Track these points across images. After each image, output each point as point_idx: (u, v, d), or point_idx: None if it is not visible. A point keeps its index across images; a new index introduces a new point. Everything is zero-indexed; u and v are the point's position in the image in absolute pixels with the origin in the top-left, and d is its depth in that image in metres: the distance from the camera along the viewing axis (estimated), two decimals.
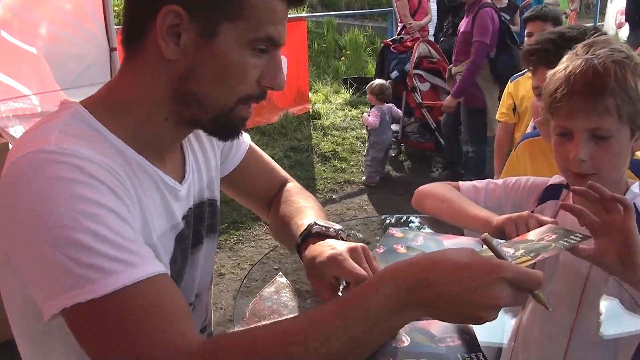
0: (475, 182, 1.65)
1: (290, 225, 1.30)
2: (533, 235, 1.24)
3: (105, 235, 0.85)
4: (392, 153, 6.63)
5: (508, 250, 1.08)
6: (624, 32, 14.32)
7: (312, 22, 11.04)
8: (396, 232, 1.56)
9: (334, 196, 5.69)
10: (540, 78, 1.69)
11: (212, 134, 1.12)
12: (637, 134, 1.34)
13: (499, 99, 3.93)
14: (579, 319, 1.31)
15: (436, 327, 1.09)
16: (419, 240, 1.51)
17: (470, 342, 1.07)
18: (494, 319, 0.88)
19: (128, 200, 0.95)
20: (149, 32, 0.99)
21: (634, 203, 1.26)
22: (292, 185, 1.47)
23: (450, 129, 5.91)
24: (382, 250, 1.44)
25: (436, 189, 1.65)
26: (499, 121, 3.69)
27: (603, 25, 14.19)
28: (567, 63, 1.34)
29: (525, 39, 3.70)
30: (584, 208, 1.21)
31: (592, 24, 14.24)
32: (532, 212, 1.43)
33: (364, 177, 6.01)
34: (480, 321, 0.88)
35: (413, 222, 1.87)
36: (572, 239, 1.17)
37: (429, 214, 1.64)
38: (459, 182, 1.68)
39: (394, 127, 6.68)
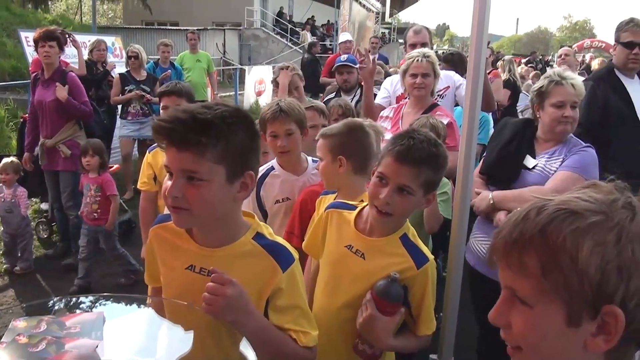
0: None
1: None
2: None
3: None
4: (44, 234, 6.27)
5: None
6: (263, 100, 15.99)
7: None
8: (19, 322, 1.51)
9: None
10: (167, 156, 1.55)
11: None
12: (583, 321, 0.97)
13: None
14: None
15: None
16: (41, 327, 1.47)
17: None
18: None
19: None
20: None
21: None
22: None
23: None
24: (3, 345, 1.37)
25: None
26: (141, 190, 3.74)
27: (244, 93, 15.62)
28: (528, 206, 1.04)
29: (161, 111, 3.76)
30: None
31: (233, 93, 15.60)
32: None
33: (17, 267, 5.47)
34: None
35: (84, 303, 1.81)
36: None
37: None
38: None
39: (44, 206, 6.31)
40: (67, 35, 6.68)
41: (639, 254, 0.94)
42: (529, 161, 2.94)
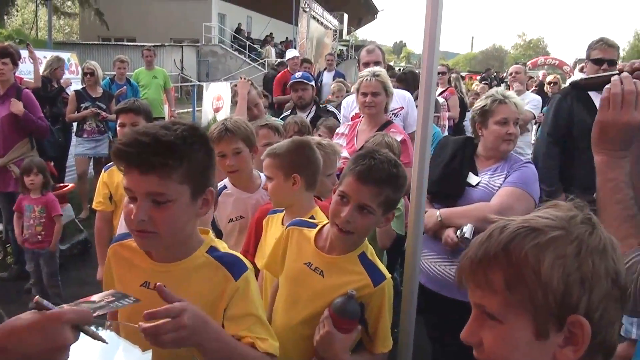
0: None
1: None
2: (96, 297, 1.37)
3: None
4: None
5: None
6: (221, 115, 15.89)
7: None
8: None
9: None
10: (130, 180, 1.53)
11: None
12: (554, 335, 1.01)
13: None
14: None
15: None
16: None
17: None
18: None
19: None
20: None
21: None
22: None
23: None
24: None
25: None
26: (96, 210, 3.68)
27: (202, 109, 15.52)
28: (489, 230, 1.09)
29: (118, 129, 3.69)
30: None
31: (192, 109, 15.48)
32: None
33: None
34: None
35: None
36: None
37: None
38: None
39: None
40: (26, 44, 6.56)
41: (599, 265, 0.98)
42: (472, 178, 3.01)
